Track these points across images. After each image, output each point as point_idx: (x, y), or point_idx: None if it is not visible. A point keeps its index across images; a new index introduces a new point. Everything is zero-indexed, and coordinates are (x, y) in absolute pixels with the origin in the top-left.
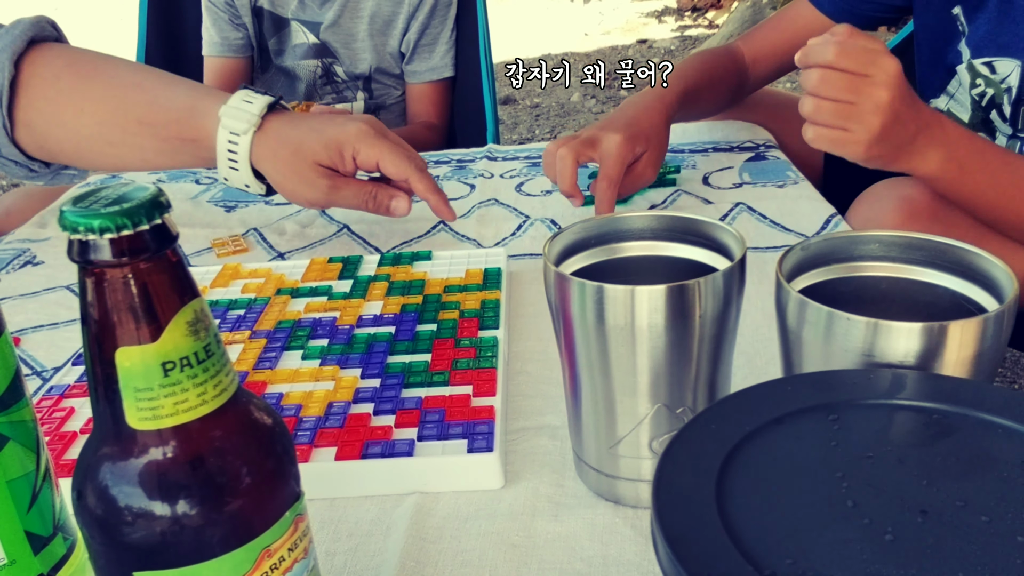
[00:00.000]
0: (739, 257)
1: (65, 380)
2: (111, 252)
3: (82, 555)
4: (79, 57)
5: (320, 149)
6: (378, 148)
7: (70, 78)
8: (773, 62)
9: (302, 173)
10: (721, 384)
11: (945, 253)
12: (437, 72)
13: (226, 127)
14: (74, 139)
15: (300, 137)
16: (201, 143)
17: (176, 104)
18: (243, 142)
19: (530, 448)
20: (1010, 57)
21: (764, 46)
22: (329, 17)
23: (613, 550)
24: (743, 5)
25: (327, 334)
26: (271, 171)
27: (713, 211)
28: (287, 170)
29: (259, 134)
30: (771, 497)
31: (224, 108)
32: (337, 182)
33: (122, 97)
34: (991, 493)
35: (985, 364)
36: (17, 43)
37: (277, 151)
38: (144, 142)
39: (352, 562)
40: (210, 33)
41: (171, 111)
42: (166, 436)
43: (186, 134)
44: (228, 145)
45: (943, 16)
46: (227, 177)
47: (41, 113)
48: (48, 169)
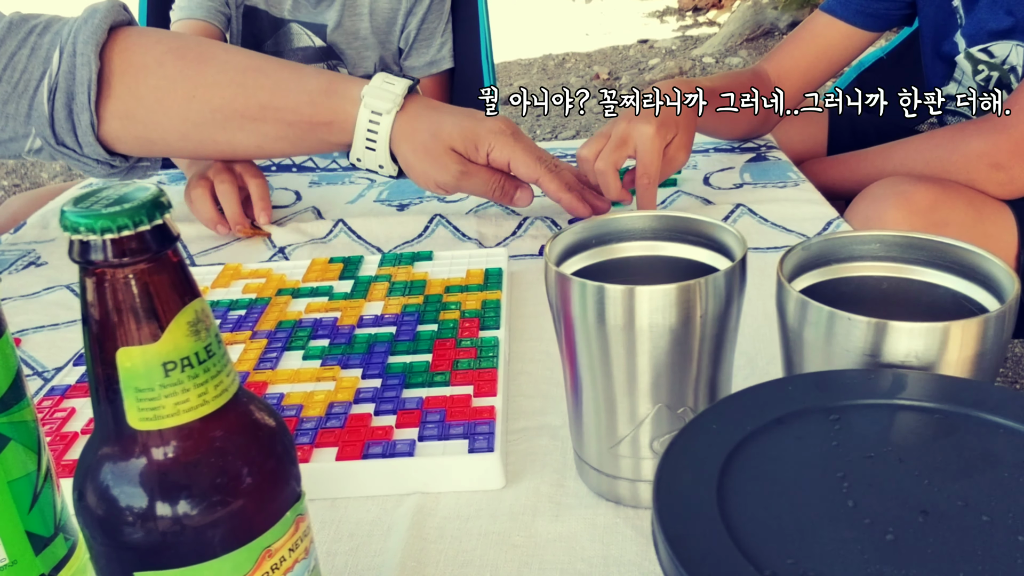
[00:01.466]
0: (740, 257)
1: (66, 380)
2: (112, 252)
3: (83, 555)
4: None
5: (458, 136)
6: (511, 148)
7: (176, 63)
8: (799, 78)
9: (437, 156)
10: (722, 384)
11: (946, 253)
12: (436, 65)
13: (368, 106)
14: (182, 126)
15: (439, 121)
16: (335, 125)
17: (307, 87)
18: (385, 122)
19: (531, 448)
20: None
21: (788, 63)
22: (333, 19)
23: (614, 550)
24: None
25: (328, 334)
26: (407, 152)
27: (714, 211)
28: (423, 152)
29: (400, 114)
30: (772, 497)
31: (367, 88)
32: (469, 168)
33: (241, 82)
34: (992, 493)
35: (986, 364)
36: (99, 33)
37: (416, 132)
38: (265, 127)
39: (353, 562)
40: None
41: (302, 93)
42: (167, 436)
43: (319, 116)
44: (369, 125)
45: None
46: (360, 157)
47: (143, 101)
48: (127, 163)
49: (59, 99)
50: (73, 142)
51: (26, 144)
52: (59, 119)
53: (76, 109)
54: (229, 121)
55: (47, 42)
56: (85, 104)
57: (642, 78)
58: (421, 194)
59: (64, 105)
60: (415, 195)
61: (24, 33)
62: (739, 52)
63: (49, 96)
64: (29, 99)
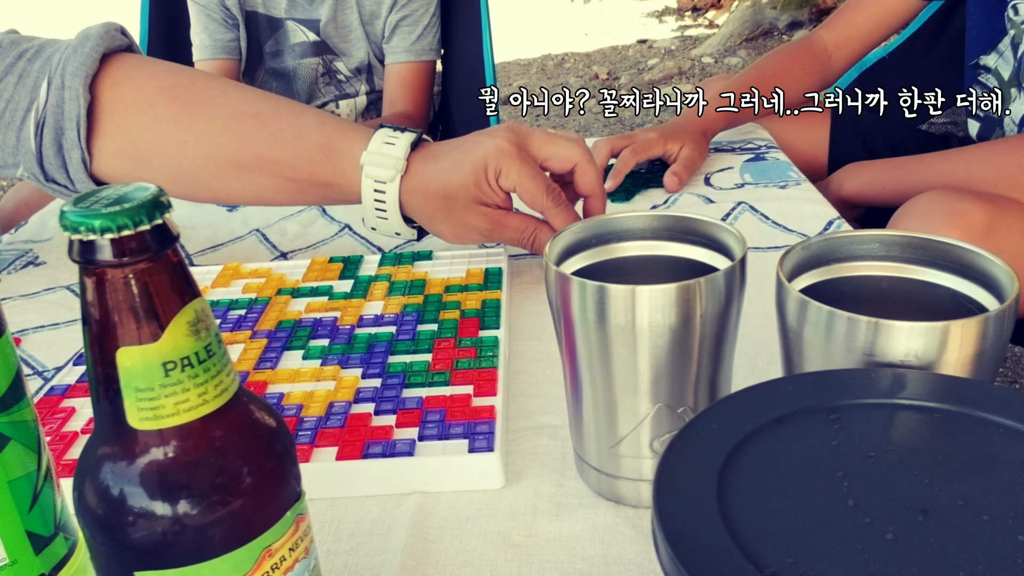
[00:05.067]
0: (740, 257)
1: (66, 380)
2: (112, 252)
3: (83, 555)
4: (172, 79)
5: (470, 185)
6: (518, 173)
7: (168, 104)
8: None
9: (457, 218)
10: (722, 384)
11: (946, 253)
12: (415, 53)
13: (370, 175)
14: (174, 171)
15: (447, 178)
16: (338, 187)
17: (306, 142)
18: (391, 190)
19: (531, 448)
20: None
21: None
22: (325, 13)
23: (614, 550)
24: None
25: (328, 334)
26: (425, 219)
27: (715, 210)
28: (441, 215)
29: (406, 179)
30: (772, 497)
31: (366, 155)
32: (496, 222)
33: (237, 130)
34: (992, 493)
35: (986, 363)
36: (89, 63)
37: (428, 197)
38: (263, 180)
39: (353, 562)
40: (201, 37)
41: (300, 149)
42: (167, 436)
43: (319, 177)
44: (374, 195)
45: None
46: (375, 227)
47: (133, 142)
48: None
49: (47, 135)
50: (64, 179)
51: (16, 172)
52: (47, 155)
53: (66, 146)
54: (223, 171)
55: (36, 69)
56: (75, 141)
57: (641, 78)
58: None
59: (53, 141)
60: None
61: (13, 58)
62: (738, 52)
63: (36, 131)
64: (16, 131)
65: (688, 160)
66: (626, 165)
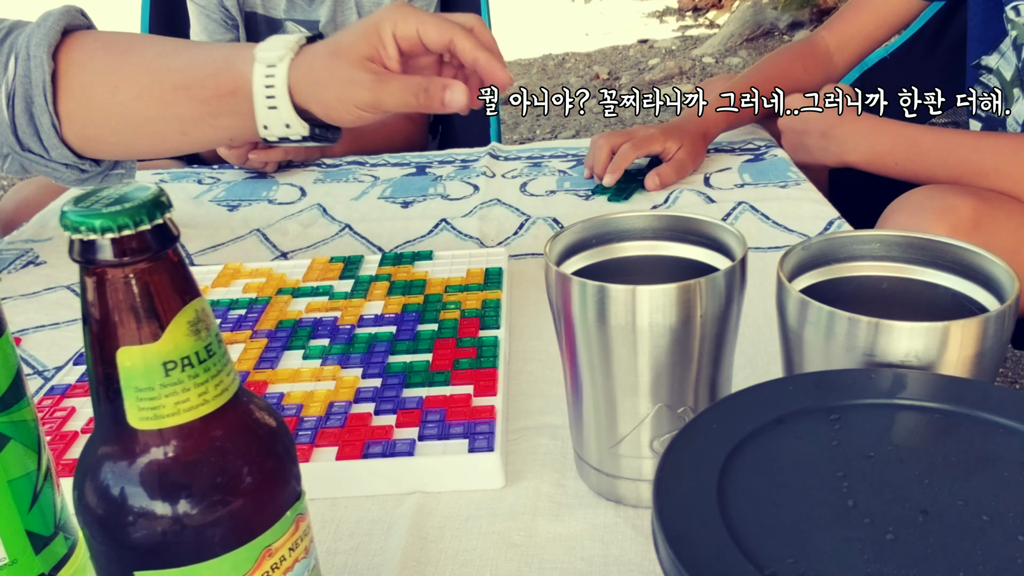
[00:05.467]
0: (740, 257)
1: (66, 380)
2: (112, 252)
3: (83, 555)
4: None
5: (359, 40)
6: (416, 17)
7: (104, 58)
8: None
9: (341, 75)
10: (722, 384)
11: (946, 253)
12: None
13: (262, 61)
14: (111, 120)
15: (336, 39)
16: (239, 92)
17: (211, 59)
18: (280, 71)
19: (531, 448)
20: None
21: (849, 30)
22: (325, 14)
23: (614, 550)
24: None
25: (328, 334)
26: (310, 93)
27: (715, 210)
28: (326, 78)
29: (295, 60)
30: (772, 497)
31: (259, 47)
32: (381, 75)
33: (156, 67)
34: (992, 493)
35: (986, 364)
36: (51, 35)
37: (313, 65)
38: (182, 110)
39: (353, 562)
40: (200, 37)
41: (207, 66)
42: (167, 436)
43: (224, 87)
44: (265, 80)
45: None
46: (266, 124)
47: (77, 99)
48: (99, 168)
49: (18, 104)
50: (39, 147)
51: None
52: (20, 124)
53: (36, 112)
54: (149, 109)
55: (5, 49)
56: (44, 107)
57: (642, 78)
58: (424, 191)
59: (24, 110)
60: (419, 192)
61: None
62: (739, 52)
63: (8, 102)
64: None
65: (678, 163)
66: (625, 159)
